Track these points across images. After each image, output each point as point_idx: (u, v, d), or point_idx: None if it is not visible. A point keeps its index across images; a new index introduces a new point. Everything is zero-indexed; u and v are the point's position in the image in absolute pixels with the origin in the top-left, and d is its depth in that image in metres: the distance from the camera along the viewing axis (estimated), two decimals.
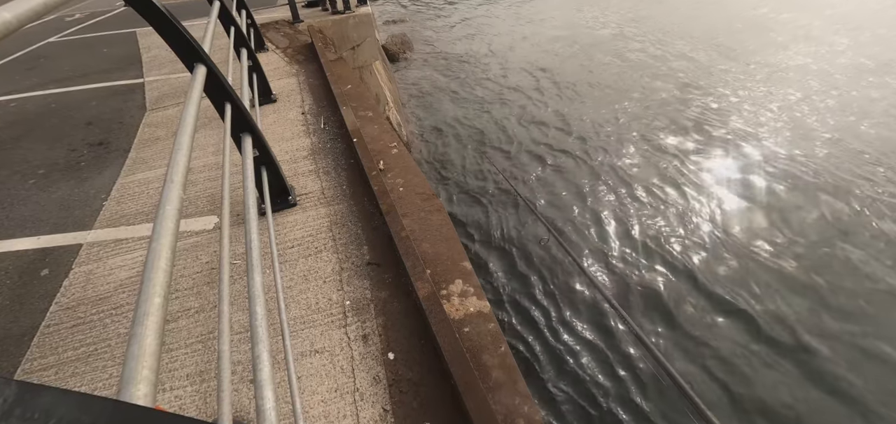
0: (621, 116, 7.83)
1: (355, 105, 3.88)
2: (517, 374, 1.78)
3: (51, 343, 2.04)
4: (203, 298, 2.18)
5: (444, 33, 12.94)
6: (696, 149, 6.81)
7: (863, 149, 6.52)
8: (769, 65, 9.35)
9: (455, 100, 8.93)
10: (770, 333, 4.05)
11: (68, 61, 6.15)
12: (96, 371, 1.89)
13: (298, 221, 2.62)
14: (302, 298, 2.13)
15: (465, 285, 2.16)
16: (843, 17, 11.44)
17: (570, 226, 5.42)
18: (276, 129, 3.67)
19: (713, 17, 12.29)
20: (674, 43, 10.80)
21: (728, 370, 3.80)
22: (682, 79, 8.93)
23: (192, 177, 3.11)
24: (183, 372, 1.85)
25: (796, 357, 3.86)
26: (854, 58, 9.37)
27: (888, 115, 7.30)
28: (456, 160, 6.98)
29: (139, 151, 3.60)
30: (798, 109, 7.66)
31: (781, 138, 6.89)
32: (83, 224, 2.81)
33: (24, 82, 5.44)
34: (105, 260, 2.49)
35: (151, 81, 5.02)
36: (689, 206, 5.64)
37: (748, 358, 3.87)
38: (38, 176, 3.41)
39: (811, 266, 4.70)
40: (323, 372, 1.81)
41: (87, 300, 2.24)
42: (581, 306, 4.42)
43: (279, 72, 4.84)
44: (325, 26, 6.44)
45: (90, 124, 4.16)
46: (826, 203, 5.52)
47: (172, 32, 1.84)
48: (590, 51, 10.78)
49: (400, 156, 3.20)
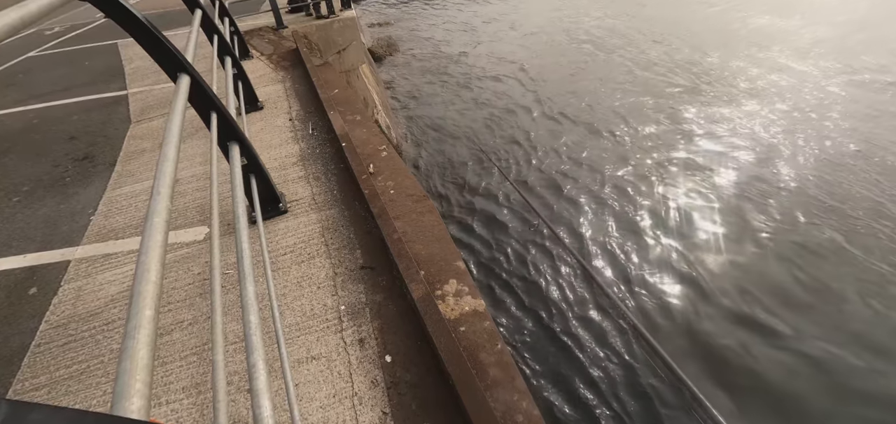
0: (616, 100, 7.96)
1: (343, 109, 3.86)
2: (514, 371, 1.79)
3: (42, 362, 2.00)
4: (196, 310, 2.16)
5: (430, 34, 12.94)
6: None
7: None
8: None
9: (444, 99, 8.93)
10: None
11: (49, 75, 6.05)
12: (89, 388, 1.87)
13: (290, 228, 2.61)
14: (296, 305, 2.12)
15: (460, 285, 2.17)
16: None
17: (564, 227, 5.45)
18: (263, 137, 3.65)
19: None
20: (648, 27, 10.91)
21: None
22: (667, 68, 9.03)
23: (181, 188, 3.08)
24: (178, 385, 1.83)
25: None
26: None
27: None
28: (446, 160, 6.99)
29: (125, 164, 3.56)
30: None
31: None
32: (70, 240, 2.77)
33: (4, 98, 5.35)
34: (94, 276, 2.45)
35: (135, 93, 4.96)
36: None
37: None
38: (23, 193, 3.36)
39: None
40: (320, 378, 1.80)
41: (78, 317, 2.21)
42: (597, 321, 4.41)
43: (265, 79, 4.81)
44: (310, 31, 6.41)
45: (74, 139, 4.10)
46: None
47: (154, 43, 1.82)
48: (578, 44, 10.86)
49: (390, 159, 3.19)
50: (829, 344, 3.79)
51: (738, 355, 3.76)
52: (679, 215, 5.32)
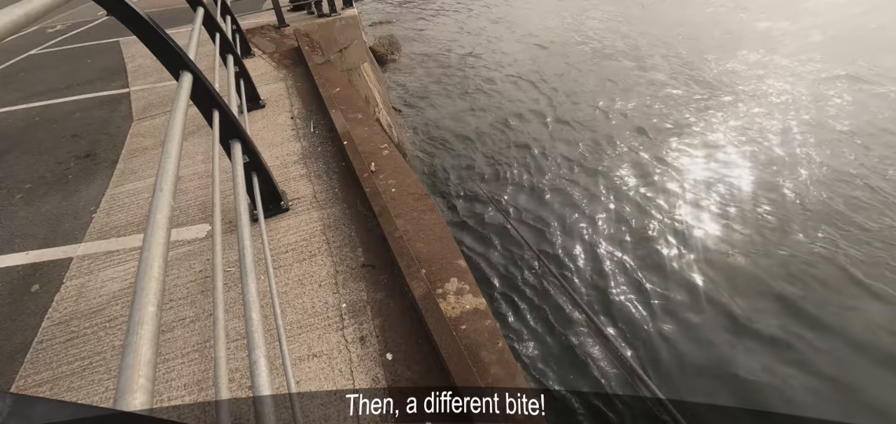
0: (615, 103, 7.93)
1: (344, 108, 3.87)
2: (516, 369, 1.79)
3: (45, 358, 2.01)
4: (198, 307, 2.17)
5: (432, 32, 12.92)
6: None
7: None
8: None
9: (446, 98, 8.93)
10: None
11: (51, 73, 6.06)
12: (92, 384, 1.87)
13: (291, 226, 2.61)
14: (298, 303, 2.12)
15: (461, 283, 2.17)
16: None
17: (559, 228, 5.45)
18: (265, 135, 3.65)
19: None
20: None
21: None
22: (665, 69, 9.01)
23: (183, 185, 3.09)
24: (180, 382, 1.84)
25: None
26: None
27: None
28: (448, 158, 6.99)
29: (127, 162, 3.56)
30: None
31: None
32: (73, 237, 2.77)
33: (7, 96, 5.36)
34: (97, 273, 2.46)
35: (137, 91, 4.97)
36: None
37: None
38: (25, 190, 3.37)
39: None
40: (321, 376, 1.81)
41: (80, 313, 2.22)
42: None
43: (267, 78, 4.81)
44: (312, 30, 6.41)
45: (76, 136, 4.11)
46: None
47: (156, 41, 1.82)
48: (578, 43, 10.84)
49: (391, 157, 3.20)
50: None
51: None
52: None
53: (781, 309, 4.19)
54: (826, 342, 3.86)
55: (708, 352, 3.89)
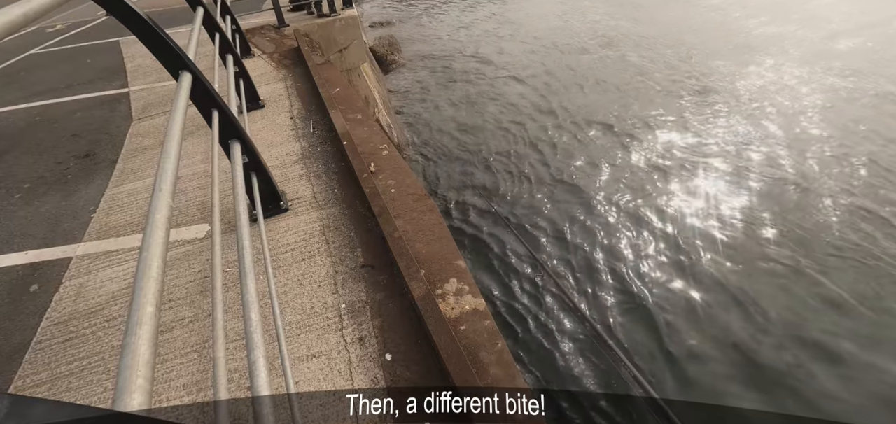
0: (616, 106, 7.94)
1: (344, 108, 3.86)
2: (515, 370, 1.79)
3: (43, 358, 2.01)
4: (197, 307, 2.16)
5: (432, 33, 12.93)
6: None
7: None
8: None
9: (446, 99, 8.93)
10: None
11: (50, 73, 6.05)
12: (91, 384, 1.87)
13: (291, 226, 2.61)
14: (297, 303, 2.12)
15: (460, 283, 2.17)
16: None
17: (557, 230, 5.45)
18: (264, 135, 3.65)
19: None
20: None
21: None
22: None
23: (182, 185, 3.09)
24: (179, 383, 1.84)
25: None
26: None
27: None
28: (448, 159, 6.99)
29: (126, 162, 3.56)
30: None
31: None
32: (72, 237, 2.77)
33: (6, 96, 5.35)
34: (96, 273, 2.46)
35: (137, 91, 4.96)
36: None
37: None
38: (25, 190, 3.36)
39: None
40: (321, 376, 1.80)
41: (79, 313, 2.21)
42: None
43: (266, 78, 4.81)
44: (312, 30, 6.41)
45: (76, 136, 4.11)
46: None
47: (156, 40, 1.82)
48: (580, 44, 10.85)
49: (391, 158, 3.19)
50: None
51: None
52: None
53: (782, 312, 4.20)
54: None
55: (708, 352, 3.90)
